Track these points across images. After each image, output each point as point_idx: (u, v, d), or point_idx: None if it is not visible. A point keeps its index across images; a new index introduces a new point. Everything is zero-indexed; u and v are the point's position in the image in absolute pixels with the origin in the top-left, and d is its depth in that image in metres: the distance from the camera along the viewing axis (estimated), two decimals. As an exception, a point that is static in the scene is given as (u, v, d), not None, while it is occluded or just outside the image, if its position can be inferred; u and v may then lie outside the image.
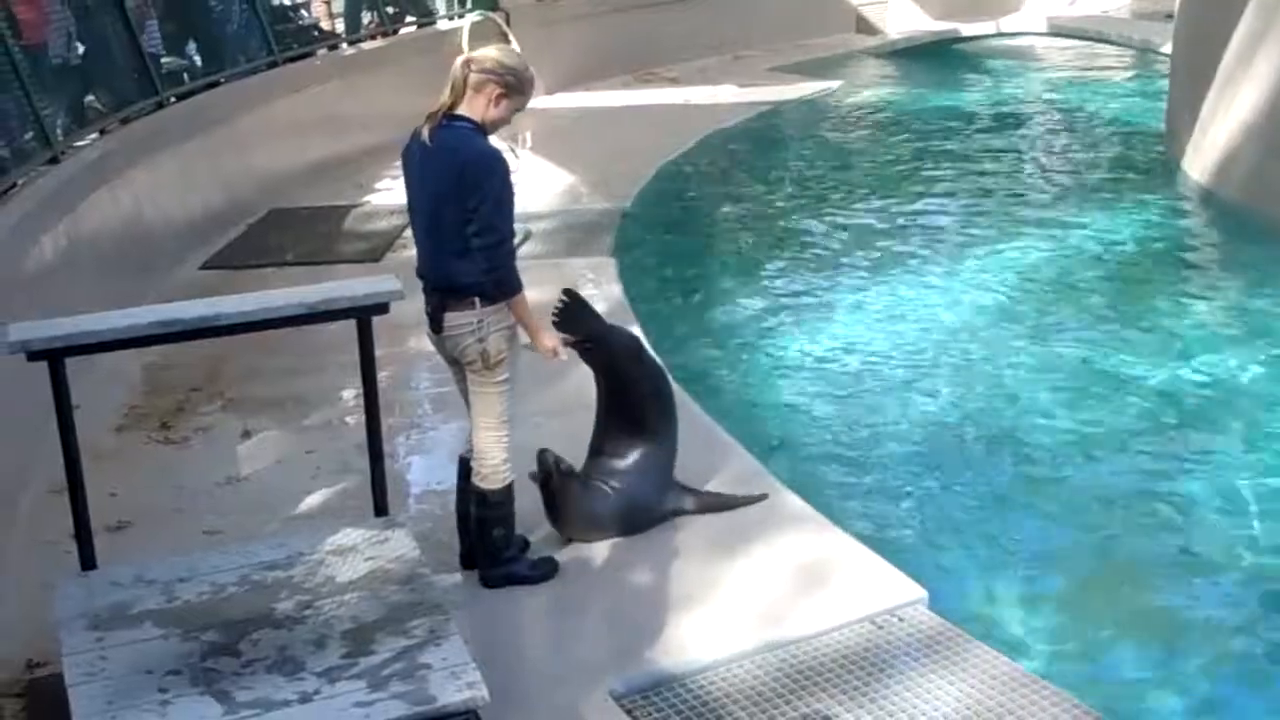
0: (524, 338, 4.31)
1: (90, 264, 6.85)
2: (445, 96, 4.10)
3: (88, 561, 3.97)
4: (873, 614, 4.16)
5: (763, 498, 4.92)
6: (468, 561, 4.52)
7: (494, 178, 4.05)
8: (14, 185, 6.38)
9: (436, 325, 4.21)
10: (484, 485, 4.33)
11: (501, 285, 4.11)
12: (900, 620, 4.14)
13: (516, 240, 4.31)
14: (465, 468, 4.46)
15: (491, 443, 4.28)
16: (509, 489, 4.36)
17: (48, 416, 3.88)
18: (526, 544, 4.58)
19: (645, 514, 4.73)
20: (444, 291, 4.16)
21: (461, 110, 4.09)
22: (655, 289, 8.27)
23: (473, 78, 4.08)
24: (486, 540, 4.41)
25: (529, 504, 4.57)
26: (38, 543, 4.77)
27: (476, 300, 4.12)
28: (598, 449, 4.78)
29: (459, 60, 4.14)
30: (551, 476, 4.60)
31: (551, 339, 4.32)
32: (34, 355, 3.81)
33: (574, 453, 4.73)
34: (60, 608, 3.69)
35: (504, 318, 4.16)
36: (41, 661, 3.99)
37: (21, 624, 4.20)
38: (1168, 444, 5.92)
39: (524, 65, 4.19)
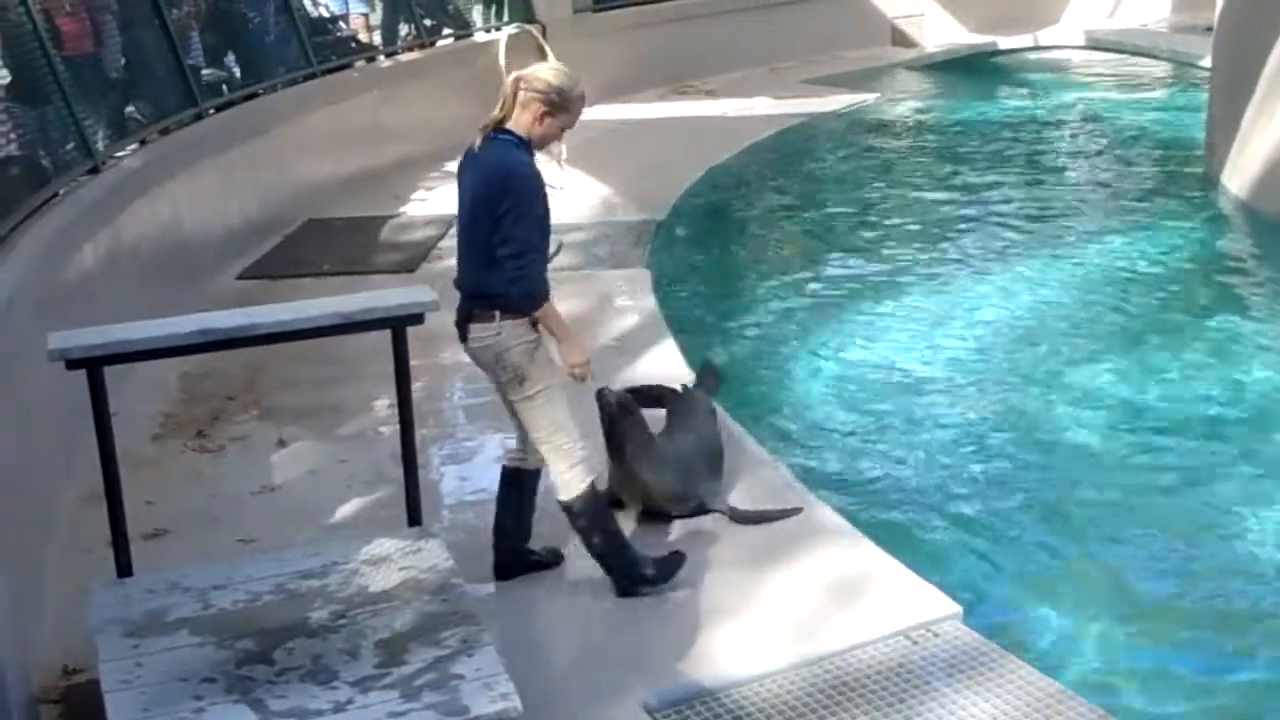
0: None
1: (129, 273, 6.91)
2: (497, 111, 4.16)
3: (124, 568, 4.00)
4: (908, 628, 4.14)
5: (797, 511, 4.91)
6: (501, 573, 4.52)
7: (520, 191, 4.08)
8: (55, 195, 6.45)
9: (463, 334, 4.23)
10: (564, 497, 4.31)
11: (525, 297, 4.12)
12: (935, 635, 4.11)
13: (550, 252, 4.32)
14: (507, 476, 4.46)
15: (551, 452, 4.27)
16: (590, 492, 4.29)
17: (86, 424, 3.91)
18: (560, 556, 4.58)
19: (689, 479, 4.88)
20: (472, 301, 4.19)
21: (510, 125, 4.15)
22: (690, 301, 8.26)
23: (521, 95, 4.14)
24: (596, 555, 4.38)
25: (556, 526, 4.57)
26: (75, 549, 4.81)
27: (497, 313, 4.13)
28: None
29: (511, 77, 4.21)
30: (614, 412, 4.72)
31: (578, 354, 4.25)
32: (73, 364, 3.85)
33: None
34: (96, 615, 3.71)
35: (524, 332, 4.15)
36: (78, 668, 4.02)
37: (58, 630, 4.24)
38: (1205, 463, 5.84)
39: (572, 84, 4.20)
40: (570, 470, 4.26)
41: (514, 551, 4.52)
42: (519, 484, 4.48)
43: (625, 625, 4.29)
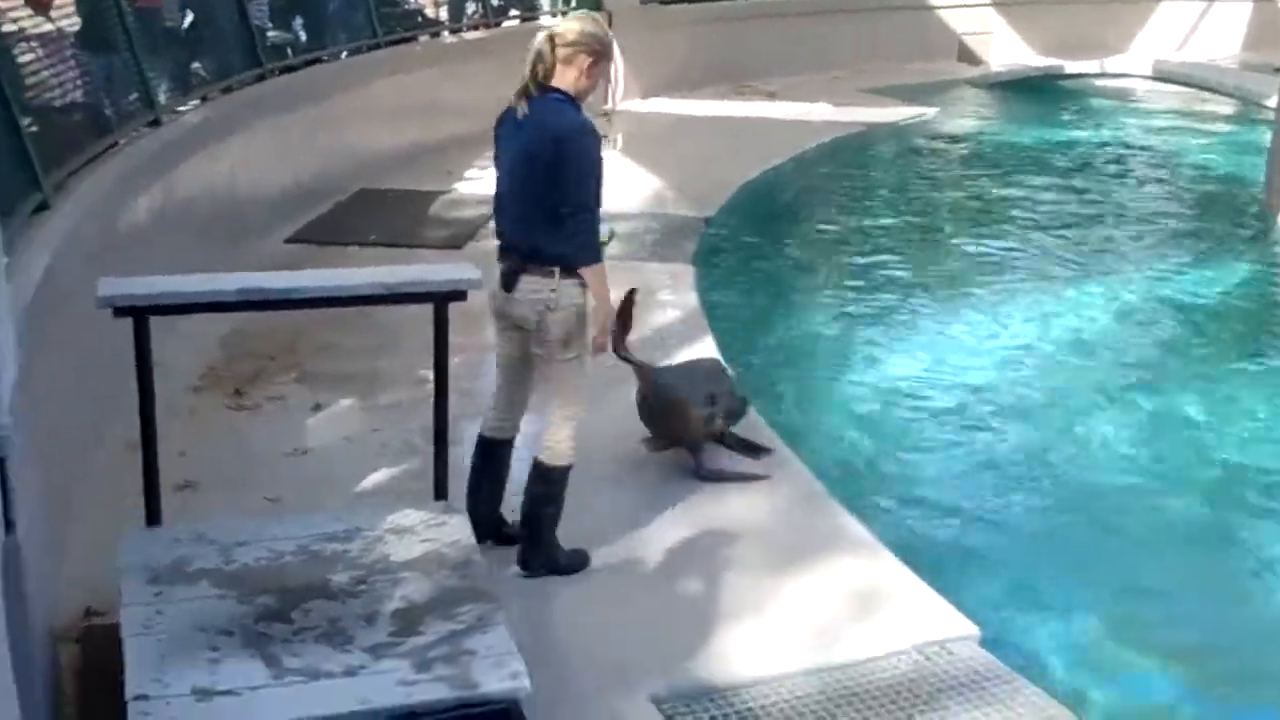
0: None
1: (182, 227, 6.99)
2: (536, 71, 4.13)
3: (153, 517, 4.06)
4: (923, 645, 4.13)
5: (764, 477, 5.21)
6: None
7: (585, 150, 4.10)
8: (115, 144, 6.53)
9: (510, 285, 4.23)
10: (547, 460, 4.35)
11: (584, 250, 4.14)
12: (950, 654, 4.10)
13: (602, 239, 4.34)
14: (484, 445, 4.50)
15: (561, 418, 4.31)
16: (568, 470, 4.38)
17: (128, 373, 3.96)
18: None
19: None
20: (527, 258, 4.20)
21: (554, 83, 4.14)
22: (732, 300, 8.26)
23: (560, 51, 4.12)
24: (535, 518, 4.41)
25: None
26: (108, 495, 4.86)
27: (556, 270, 4.15)
28: None
29: (542, 35, 4.18)
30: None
31: (608, 322, 4.29)
32: (119, 311, 3.90)
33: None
34: (122, 560, 3.76)
35: (578, 294, 4.18)
36: (100, 610, 4.07)
37: (85, 572, 4.29)
38: (1247, 509, 5.77)
39: (604, 29, 4.24)
40: (569, 440, 4.33)
41: (486, 517, 4.51)
42: (496, 453, 4.52)
43: (640, 617, 4.30)
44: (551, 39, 4.14)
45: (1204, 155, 13.50)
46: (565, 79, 4.14)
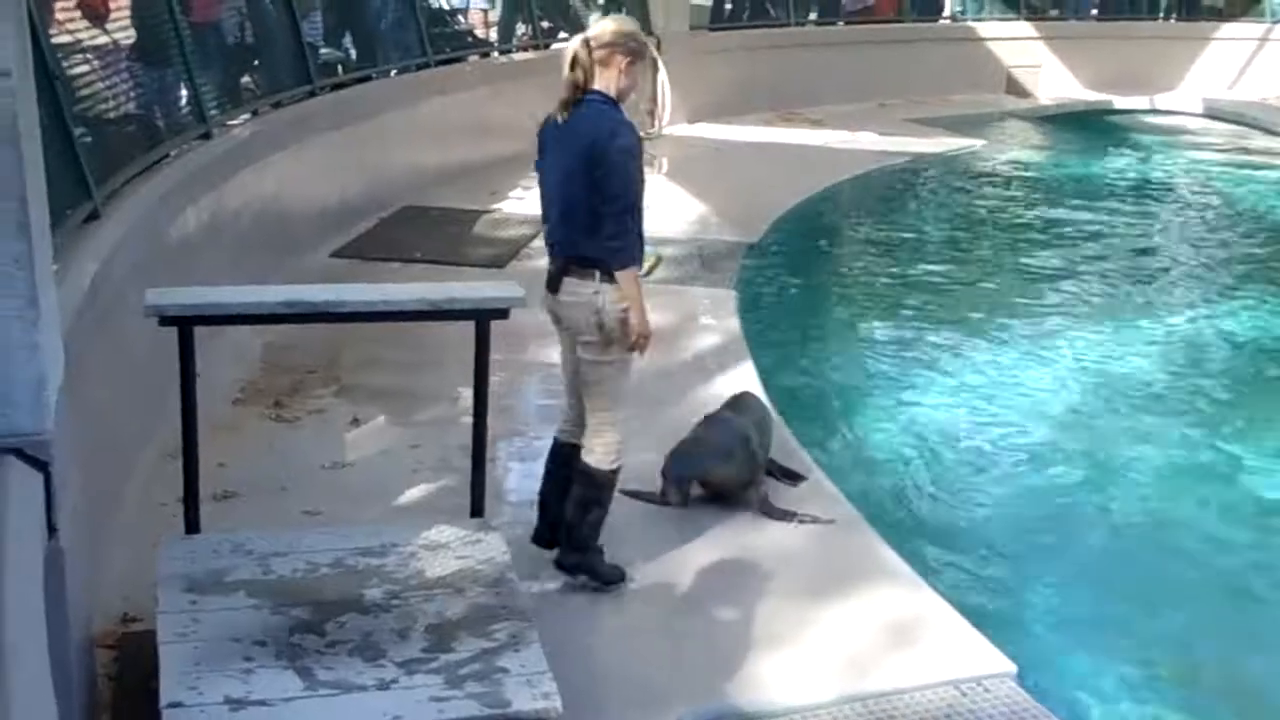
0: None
1: (228, 240, 7.05)
2: (575, 76, 4.15)
3: (192, 526, 4.09)
4: (958, 680, 4.08)
5: (828, 521, 5.04)
6: (540, 540, 4.53)
7: (624, 146, 4.11)
8: (166, 156, 6.60)
9: (554, 286, 4.25)
10: (592, 463, 4.33)
11: (620, 253, 4.14)
12: (986, 690, 4.05)
13: (648, 265, 4.35)
14: (557, 448, 4.49)
15: (604, 421, 4.31)
16: (615, 474, 4.37)
17: (170, 384, 3.99)
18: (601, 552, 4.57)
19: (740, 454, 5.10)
20: (569, 258, 4.23)
21: (594, 86, 4.17)
22: (772, 327, 8.23)
23: (597, 53, 4.15)
24: (578, 522, 4.39)
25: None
26: (148, 503, 4.90)
27: (597, 273, 4.16)
28: None
29: (576, 41, 4.20)
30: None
31: (646, 326, 4.23)
32: (165, 320, 3.95)
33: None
34: (160, 568, 3.79)
35: (620, 297, 4.19)
36: (137, 617, 4.10)
37: (123, 578, 4.32)
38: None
39: (636, 26, 4.28)
40: (614, 445, 4.32)
41: (556, 522, 4.52)
42: (567, 456, 4.50)
43: (672, 640, 4.28)
44: (586, 42, 4.17)
45: (1260, 193, 13.35)
46: (604, 80, 4.17)
